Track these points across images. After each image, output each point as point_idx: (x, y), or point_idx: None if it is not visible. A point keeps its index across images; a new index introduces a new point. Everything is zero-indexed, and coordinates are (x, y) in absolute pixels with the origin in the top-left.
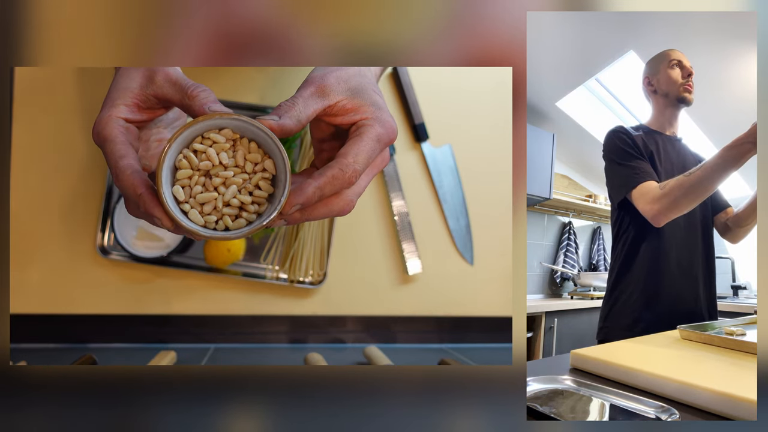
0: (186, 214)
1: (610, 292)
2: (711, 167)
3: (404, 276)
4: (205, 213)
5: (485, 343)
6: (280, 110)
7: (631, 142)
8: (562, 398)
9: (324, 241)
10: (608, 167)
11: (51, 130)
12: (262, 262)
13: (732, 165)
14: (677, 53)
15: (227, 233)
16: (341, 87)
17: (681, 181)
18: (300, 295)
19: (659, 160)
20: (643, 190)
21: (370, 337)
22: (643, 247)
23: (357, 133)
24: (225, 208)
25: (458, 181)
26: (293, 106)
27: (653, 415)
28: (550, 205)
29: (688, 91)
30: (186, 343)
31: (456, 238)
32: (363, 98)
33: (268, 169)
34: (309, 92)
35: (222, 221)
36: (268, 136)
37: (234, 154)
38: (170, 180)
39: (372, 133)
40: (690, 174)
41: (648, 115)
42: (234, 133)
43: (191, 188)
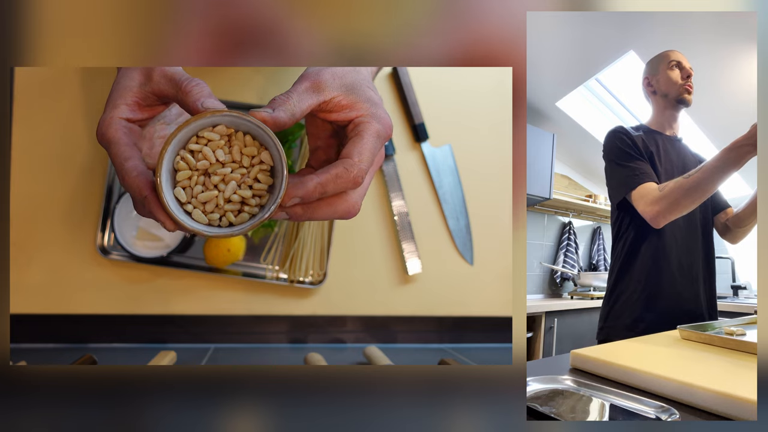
0: (190, 214)
1: (610, 292)
2: (710, 169)
3: (404, 276)
4: (208, 211)
5: (485, 343)
6: (274, 103)
7: (631, 142)
8: (562, 398)
9: (324, 241)
10: (608, 168)
11: (51, 131)
12: (262, 262)
13: (731, 167)
14: (677, 54)
15: (232, 229)
16: (336, 83)
17: (680, 182)
18: (300, 295)
19: (659, 160)
20: (643, 192)
21: (370, 337)
22: (644, 248)
23: (356, 131)
24: (227, 204)
25: (458, 181)
26: (287, 99)
27: (653, 415)
28: (550, 205)
29: (687, 92)
30: (186, 343)
31: (456, 238)
32: (358, 95)
33: (265, 161)
34: (304, 87)
35: (225, 218)
36: (262, 129)
37: (230, 149)
38: (170, 182)
39: (371, 130)
40: (689, 176)
41: (648, 115)
42: (228, 128)
43: (192, 188)
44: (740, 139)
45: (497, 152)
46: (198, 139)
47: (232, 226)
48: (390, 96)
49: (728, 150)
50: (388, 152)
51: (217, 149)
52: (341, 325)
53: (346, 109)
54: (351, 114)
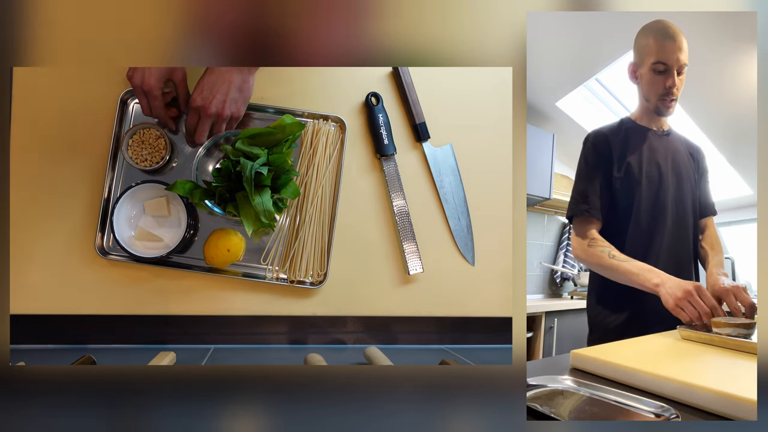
0: None
1: (601, 291)
2: (626, 273)
3: (405, 276)
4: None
5: (485, 343)
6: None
7: (600, 153)
8: (562, 398)
9: (324, 241)
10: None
11: (51, 130)
12: (262, 262)
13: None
14: (664, 52)
15: None
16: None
17: (603, 259)
18: (300, 295)
19: (643, 158)
20: (578, 229)
21: (371, 338)
22: (627, 247)
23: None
24: None
25: (459, 181)
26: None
27: (653, 415)
28: (550, 205)
29: (666, 106)
30: (186, 343)
31: (457, 239)
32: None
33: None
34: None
35: None
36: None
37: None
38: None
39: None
40: (613, 258)
41: (635, 105)
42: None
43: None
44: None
45: (498, 152)
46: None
47: None
48: (391, 96)
49: (655, 282)
50: (389, 152)
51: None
52: (341, 326)
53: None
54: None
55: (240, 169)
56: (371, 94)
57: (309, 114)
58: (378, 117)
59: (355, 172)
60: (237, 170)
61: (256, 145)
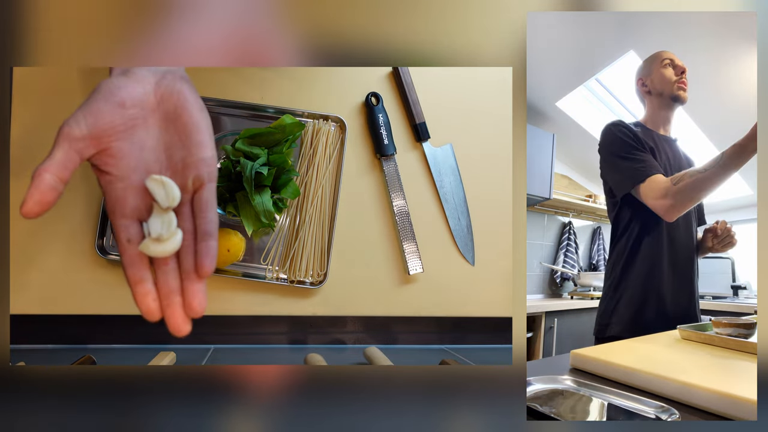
0: None
1: (614, 290)
2: (725, 164)
3: (405, 276)
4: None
5: (486, 343)
6: None
7: (633, 135)
8: (562, 398)
9: (324, 241)
10: (609, 160)
11: (50, 131)
12: (262, 262)
13: (744, 161)
14: (668, 53)
15: None
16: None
17: (697, 176)
18: (300, 295)
19: (657, 156)
20: (652, 185)
21: (371, 338)
22: (647, 244)
23: None
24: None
25: (459, 181)
26: None
27: (653, 415)
28: (550, 205)
29: (682, 89)
30: (186, 343)
31: (457, 239)
32: None
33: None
34: None
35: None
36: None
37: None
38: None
39: None
40: (705, 170)
41: (642, 115)
42: None
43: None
44: (750, 134)
45: (498, 152)
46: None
47: None
48: (391, 95)
49: (740, 146)
50: (389, 152)
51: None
52: (341, 326)
53: None
54: None
55: (240, 169)
56: (371, 94)
57: (309, 114)
58: (378, 117)
59: (355, 172)
60: (237, 170)
61: (256, 145)
